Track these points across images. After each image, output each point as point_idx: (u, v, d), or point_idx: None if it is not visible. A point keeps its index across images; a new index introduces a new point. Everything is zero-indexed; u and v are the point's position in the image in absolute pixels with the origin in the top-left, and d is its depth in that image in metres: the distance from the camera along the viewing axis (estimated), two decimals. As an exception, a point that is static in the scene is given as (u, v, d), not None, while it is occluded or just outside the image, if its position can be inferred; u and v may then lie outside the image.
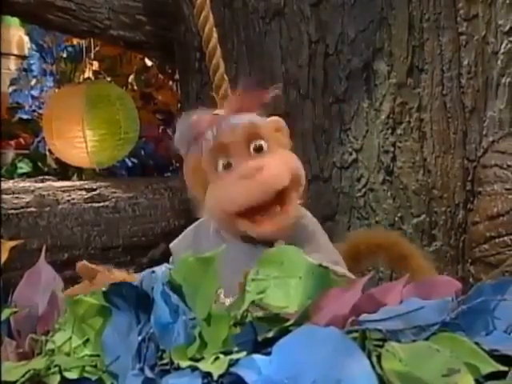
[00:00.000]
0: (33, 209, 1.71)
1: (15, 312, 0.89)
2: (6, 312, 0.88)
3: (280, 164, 0.97)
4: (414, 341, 0.61)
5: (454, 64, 1.64)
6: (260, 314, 0.67)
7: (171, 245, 1.09)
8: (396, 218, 1.63)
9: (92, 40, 2.73)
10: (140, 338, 0.70)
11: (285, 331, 0.63)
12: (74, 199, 1.79)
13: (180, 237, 1.09)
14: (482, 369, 0.58)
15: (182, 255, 1.01)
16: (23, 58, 3.49)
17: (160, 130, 3.14)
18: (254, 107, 1.01)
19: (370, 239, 1.18)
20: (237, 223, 0.97)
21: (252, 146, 0.97)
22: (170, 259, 1.09)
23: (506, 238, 1.51)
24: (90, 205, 1.80)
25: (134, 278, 1.00)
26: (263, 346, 0.63)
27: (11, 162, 2.98)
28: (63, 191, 1.80)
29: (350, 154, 1.65)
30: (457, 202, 1.64)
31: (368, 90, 1.65)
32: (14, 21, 3.29)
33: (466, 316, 0.63)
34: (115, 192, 1.86)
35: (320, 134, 1.67)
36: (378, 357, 0.59)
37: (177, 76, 2.72)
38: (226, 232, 1.02)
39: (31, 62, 3.17)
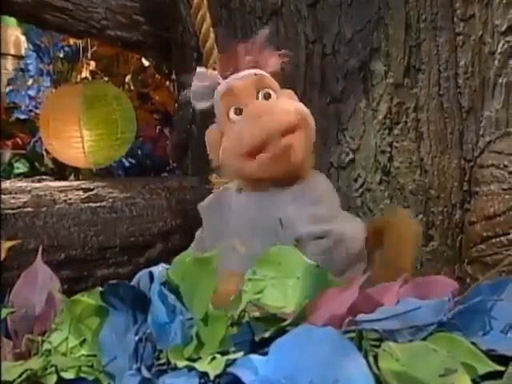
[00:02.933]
0: (30, 209, 1.70)
1: (12, 312, 0.89)
2: (3, 312, 0.88)
3: (287, 104, 1.01)
4: (410, 341, 0.61)
5: (450, 64, 1.64)
6: (257, 313, 0.67)
7: (199, 205, 1.12)
8: (393, 218, 1.63)
9: (89, 40, 2.72)
10: (137, 338, 0.70)
11: (282, 331, 0.63)
12: (70, 199, 1.78)
13: (208, 197, 1.12)
14: (478, 369, 0.58)
15: (206, 215, 1.08)
16: (20, 57, 3.48)
17: (157, 130, 3.14)
18: (264, 66, 1.06)
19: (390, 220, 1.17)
20: (244, 166, 0.99)
21: (261, 94, 1.02)
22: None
23: (502, 237, 1.51)
24: (86, 205, 1.80)
25: None
26: (260, 346, 0.63)
27: (8, 162, 2.98)
28: (60, 191, 1.79)
29: (347, 154, 1.65)
30: (454, 202, 1.64)
31: (365, 90, 1.65)
32: (11, 21, 3.29)
33: (462, 316, 0.63)
34: (112, 192, 1.86)
35: (317, 133, 1.67)
36: (375, 357, 0.59)
37: (174, 76, 2.72)
38: (237, 178, 1.06)
39: (28, 61, 3.17)
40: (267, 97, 1.02)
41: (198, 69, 1.10)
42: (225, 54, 1.08)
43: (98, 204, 1.82)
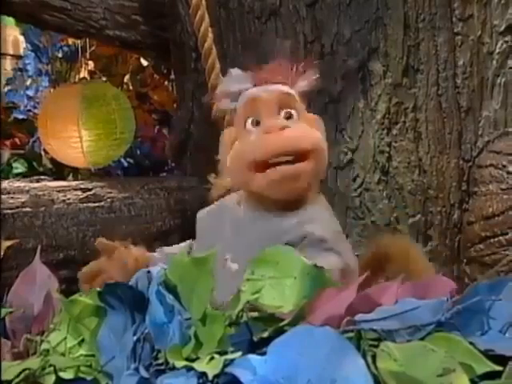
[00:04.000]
0: (28, 209, 1.70)
1: (10, 312, 0.89)
2: (2, 312, 0.88)
3: (304, 130, 1.01)
4: (409, 341, 0.61)
5: (449, 64, 1.64)
6: (255, 313, 0.67)
7: (198, 213, 1.11)
8: (391, 218, 1.63)
9: (87, 40, 2.72)
10: (135, 338, 0.70)
11: (280, 331, 0.63)
12: (69, 199, 1.79)
13: (208, 207, 1.11)
14: (477, 369, 0.58)
15: (203, 224, 1.09)
16: (18, 57, 3.48)
17: (156, 130, 3.14)
18: (297, 84, 1.05)
19: (390, 248, 1.17)
20: (251, 179, 1.00)
21: (283, 113, 1.01)
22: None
23: (501, 237, 1.51)
24: (85, 205, 1.80)
25: (150, 257, 1.05)
26: (258, 346, 0.63)
27: (6, 162, 2.98)
28: (58, 191, 1.80)
29: (346, 154, 1.65)
30: (452, 201, 1.64)
31: (363, 90, 1.65)
32: (10, 20, 3.28)
33: (461, 316, 0.63)
34: (111, 192, 1.86)
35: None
36: (373, 357, 0.59)
37: (172, 76, 2.72)
38: (242, 189, 1.05)
39: (26, 61, 3.16)
40: (288, 117, 1.01)
41: (234, 70, 1.09)
42: (258, 67, 1.06)
43: (96, 204, 1.82)
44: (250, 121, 1.01)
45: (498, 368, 0.57)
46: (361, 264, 1.05)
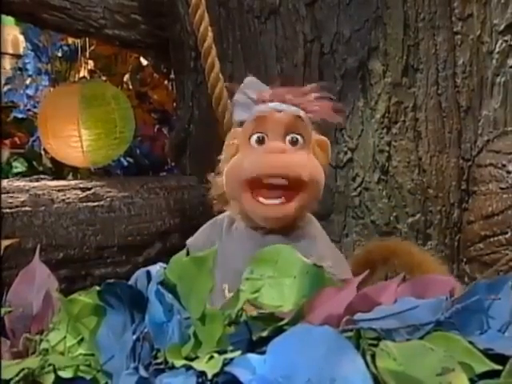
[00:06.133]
0: (28, 208, 1.70)
1: (9, 311, 0.89)
2: (1, 311, 0.88)
3: (306, 161, 1.00)
4: (408, 340, 0.61)
5: (449, 63, 1.64)
6: (254, 313, 0.67)
7: (188, 241, 1.11)
8: (391, 218, 1.63)
9: (87, 39, 2.72)
10: (134, 337, 0.70)
11: (279, 330, 0.63)
12: (69, 198, 1.78)
13: (197, 233, 1.12)
14: (476, 368, 0.58)
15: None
16: (18, 57, 3.48)
17: (155, 130, 3.14)
18: (317, 113, 1.04)
19: (383, 248, 1.18)
20: (243, 196, 1.00)
21: (289, 137, 1.00)
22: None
23: (500, 237, 1.51)
24: (85, 204, 1.80)
25: None
26: (258, 345, 0.63)
27: (6, 162, 2.97)
28: (58, 190, 1.79)
29: (346, 153, 1.65)
30: (452, 201, 1.64)
31: (363, 89, 1.65)
32: (9, 20, 3.28)
33: (460, 315, 0.63)
34: (110, 191, 1.86)
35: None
36: (373, 356, 0.59)
37: (172, 75, 2.72)
38: (234, 203, 1.05)
39: (26, 61, 3.16)
40: (294, 142, 1.00)
41: (251, 79, 1.08)
42: (280, 86, 1.05)
43: (96, 203, 1.82)
44: (255, 137, 1.01)
45: (498, 367, 0.57)
46: (352, 269, 1.05)
